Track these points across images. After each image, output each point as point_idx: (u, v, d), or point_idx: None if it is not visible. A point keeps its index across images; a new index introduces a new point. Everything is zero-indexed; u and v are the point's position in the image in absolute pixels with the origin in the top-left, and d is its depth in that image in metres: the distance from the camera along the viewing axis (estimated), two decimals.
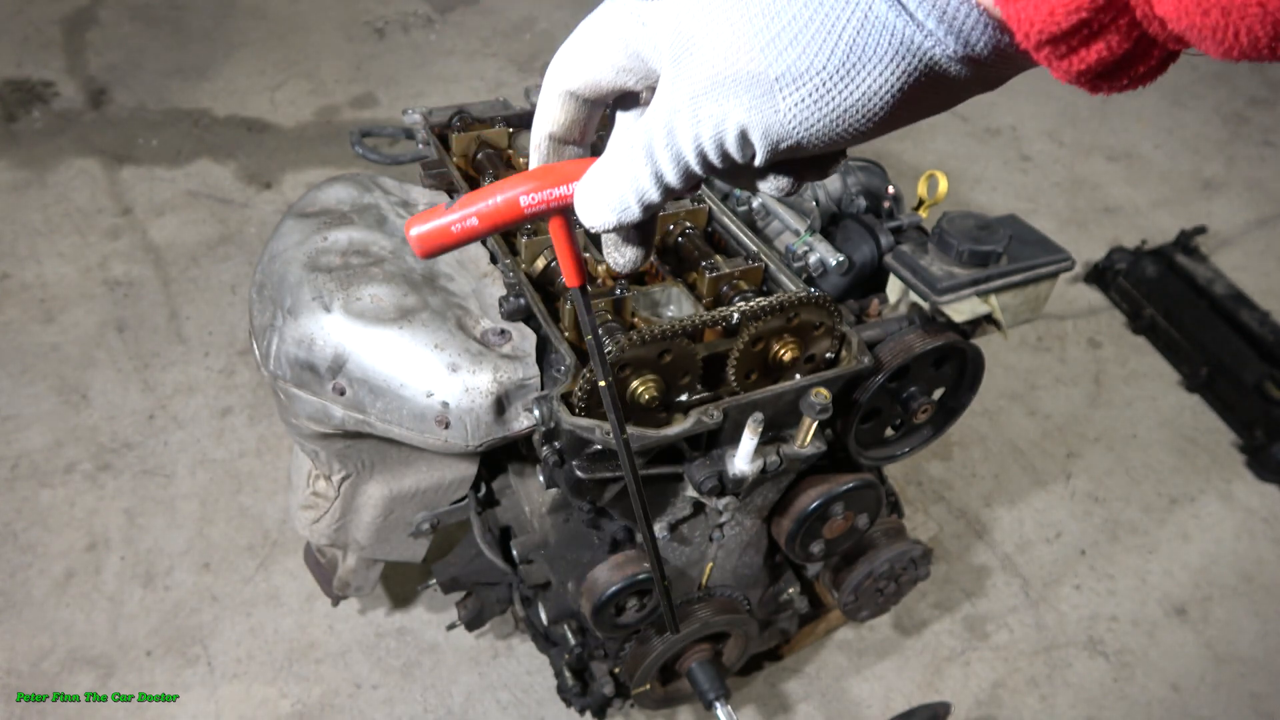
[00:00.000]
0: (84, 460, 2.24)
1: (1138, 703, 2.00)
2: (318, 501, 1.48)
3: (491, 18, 4.14)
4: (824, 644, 2.02)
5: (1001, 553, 2.26)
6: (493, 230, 0.55)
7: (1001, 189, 3.48)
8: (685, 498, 1.32)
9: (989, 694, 1.99)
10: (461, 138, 1.50)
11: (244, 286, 2.74)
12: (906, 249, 1.32)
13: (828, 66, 0.43)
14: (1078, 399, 2.67)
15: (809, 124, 0.45)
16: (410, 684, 1.89)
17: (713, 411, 1.14)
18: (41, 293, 2.67)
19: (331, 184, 1.43)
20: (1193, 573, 2.26)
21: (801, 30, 0.43)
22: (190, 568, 2.05)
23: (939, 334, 1.32)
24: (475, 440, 1.20)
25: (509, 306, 1.26)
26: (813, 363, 1.24)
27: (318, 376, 1.22)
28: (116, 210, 2.97)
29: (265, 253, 1.35)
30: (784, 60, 0.44)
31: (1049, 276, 1.34)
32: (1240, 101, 4.16)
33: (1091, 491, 2.43)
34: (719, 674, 1.53)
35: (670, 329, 1.09)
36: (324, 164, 3.23)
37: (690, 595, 1.50)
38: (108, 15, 3.91)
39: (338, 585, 1.66)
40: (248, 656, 1.91)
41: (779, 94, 0.44)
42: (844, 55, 0.43)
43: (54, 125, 3.30)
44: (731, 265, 1.29)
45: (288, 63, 3.73)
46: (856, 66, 0.43)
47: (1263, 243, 3.36)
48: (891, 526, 1.64)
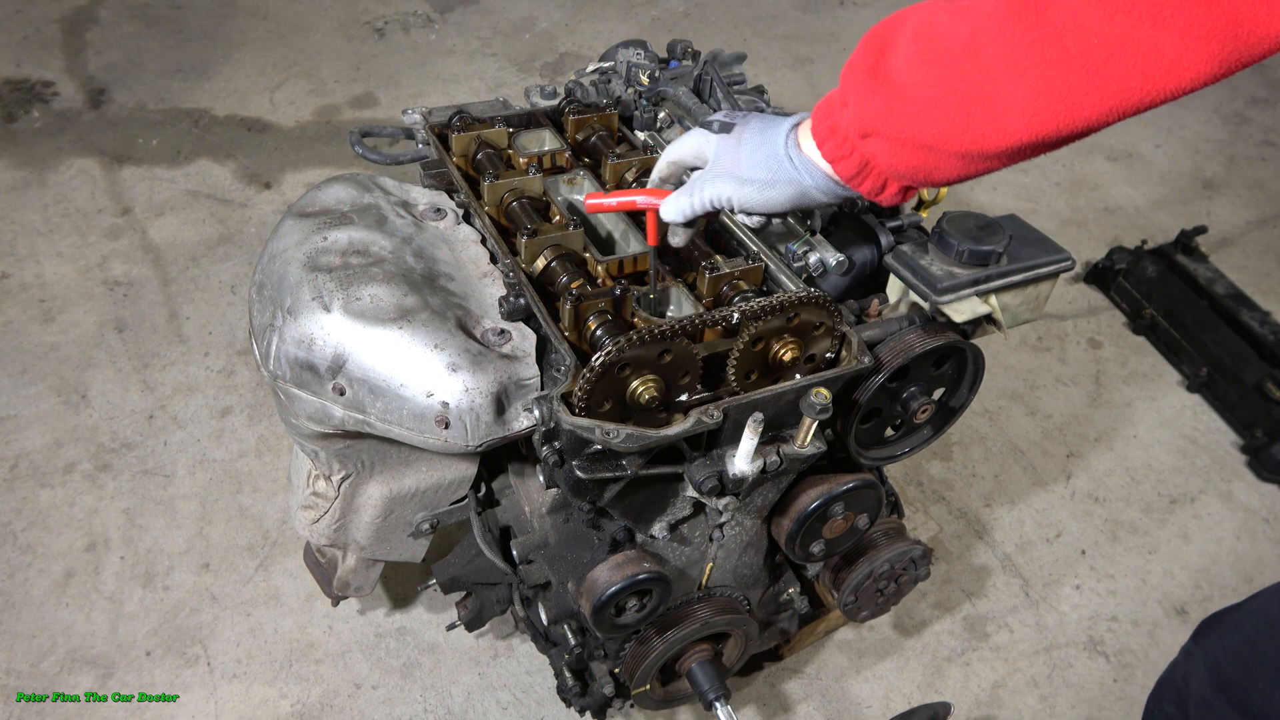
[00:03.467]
0: (84, 460, 2.24)
1: (1138, 703, 1.99)
2: (318, 501, 1.48)
3: (491, 18, 4.14)
4: (824, 644, 2.02)
5: (1001, 553, 2.26)
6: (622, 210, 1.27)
7: (1001, 189, 3.48)
8: (685, 498, 1.32)
9: (989, 694, 1.99)
10: (461, 138, 1.50)
11: (244, 286, 2.74)
12: (906, 249, 1.32)
13: (762, 180, 1.05)
14: (1078, 399, 2.67)
15: (753, 202, 1.08)
16: (410, 684, 1.89)
17: (713, 411, 1.14)
18: (41, 293, 2.67)
19: (331, 184, 1.43)
20: (1193, 573, 2.26)
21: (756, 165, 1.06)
22: (190, 568, 2.05)
23: (939, 334, 1.32)
24: (475, 440, 1.20)
25: (509, 306, 1.26)
26: (813, 363, 1.24)
27: (318, 376, 1.22)
28: (116, 210, 2.97)
29: (265, 253, 1.35)
30: (746, 174, 1.06)
31: (1049, 276, 1.33)
32: (1240, 101, 4.16)
33: (1091, 491, 2.43)
34: (719, 674, 1.52)
35: (670, 329, 1.09)
36: (324, 164, 3.23)
37: (690, 595, 1.50)
38: (107, 15, 3.91)
39: (338, 585, 1.66)
40: (247, 657, 1.91)
41: (743, 186, 1.07)
42: (770, 178, 1.05)
43: (54, 125, 3.30)
44: (731, 265, 1.29)
45: (287, 63, 3.73)
46: (774, 184, 1.05)
47: (1263, 243, 3.36)
48: (891, 526, 1.64)
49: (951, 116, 0.85)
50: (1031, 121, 0.81)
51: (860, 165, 0.97)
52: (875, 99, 0.91)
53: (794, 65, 4.04)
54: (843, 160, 0.98)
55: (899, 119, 0.89)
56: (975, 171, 0.91)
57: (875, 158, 0.95)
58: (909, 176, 0.95)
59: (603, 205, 1.25)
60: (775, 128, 1.05)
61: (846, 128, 0.95)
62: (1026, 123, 0.81)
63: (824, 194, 1.03)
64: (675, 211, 1.14)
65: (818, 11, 4.44)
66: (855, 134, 0.94)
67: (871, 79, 0.91)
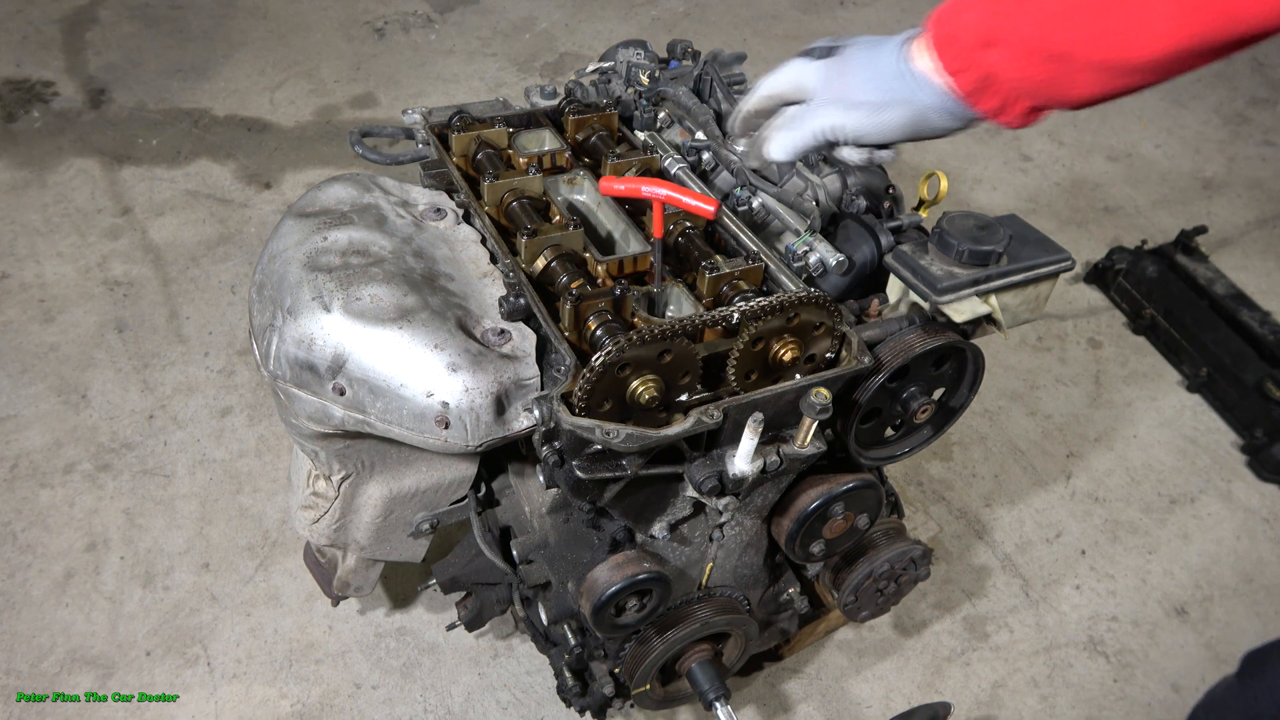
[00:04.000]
0: (84, 460, 2.24)
1: (1138, 703, 2.00)
2: (318, 501, 1.48)
3: (491, 18, 4.14)
4: (824, 644, 2.02)
5: (1001, 553, 2.26)
6: (674, 205, 1.20)
7: (1001, 189, 3.48)
8: (685, 498, 1.32)
9: (989, 694, 1.99)
10: (461, 138, 1.50)
11: (244, 286, 2.74)
12: (906, 249, 1.31)
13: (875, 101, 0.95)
14: (1078, 399, 2.67)
15: (865, 129, 0.97)
16: (410, 684, 1.89)
17: (713, 411, 1.14)
18: (41, 293, 2.67)
19: (331, 184, 1.43)
20: (1193, 573, 2.26)
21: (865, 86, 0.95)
22: (190, 568, 2.05)
23: (939, 334, 1.32)
24: (475, 440, 1.20)
25: (509, 306, 1.26)
26: (813, 363, 1.24)
27: (318, 376, 1.22)
28: (116, 210, 2.97)
29: (265, 253, 1.35)
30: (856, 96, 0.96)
31: (1049, 276, 1.33)
32: (1240, 101, 4.16)
33: (1091, 491, 2.43)
34: (719, 674, 1.52)
35: (670, 329, 1.09)
36: (324, 164, 3.23)
37: (690, 595, 1.50)
38: (108, 15, 3.91)
39: (338, 585, 1.66)
40: (247, 657, 1.91)
41: (853, 111, 0.97)
42: (883, 99, 0.94)
43: (54, 125, 3.30)
44: (731, 265, 1.29)
45: (288, 63, 3.73)
46: (888, 106, 0.94)
47: (1263, 243, 3.36)
48: (891, 526, 1.64)
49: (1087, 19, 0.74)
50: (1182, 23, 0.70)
51: (982, 79, 0.85)
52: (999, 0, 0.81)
53: None
54: (964, 73, 0.86)
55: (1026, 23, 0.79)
56: (1115, 88, 0.79)
57: (999, 70, 0.83)
58: (1038, 93, 0.84)
59: (661, 196, 1.18)
60: (885, 43, 0.94)
61: (967, 35, 0.84)
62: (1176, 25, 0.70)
63: (943, 115, 0.92)
64: (784, 148, 1.04)
65: (818, 11, 4.44)
66: (977, 42, 0.83)
67: None
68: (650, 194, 1.19)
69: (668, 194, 1.17)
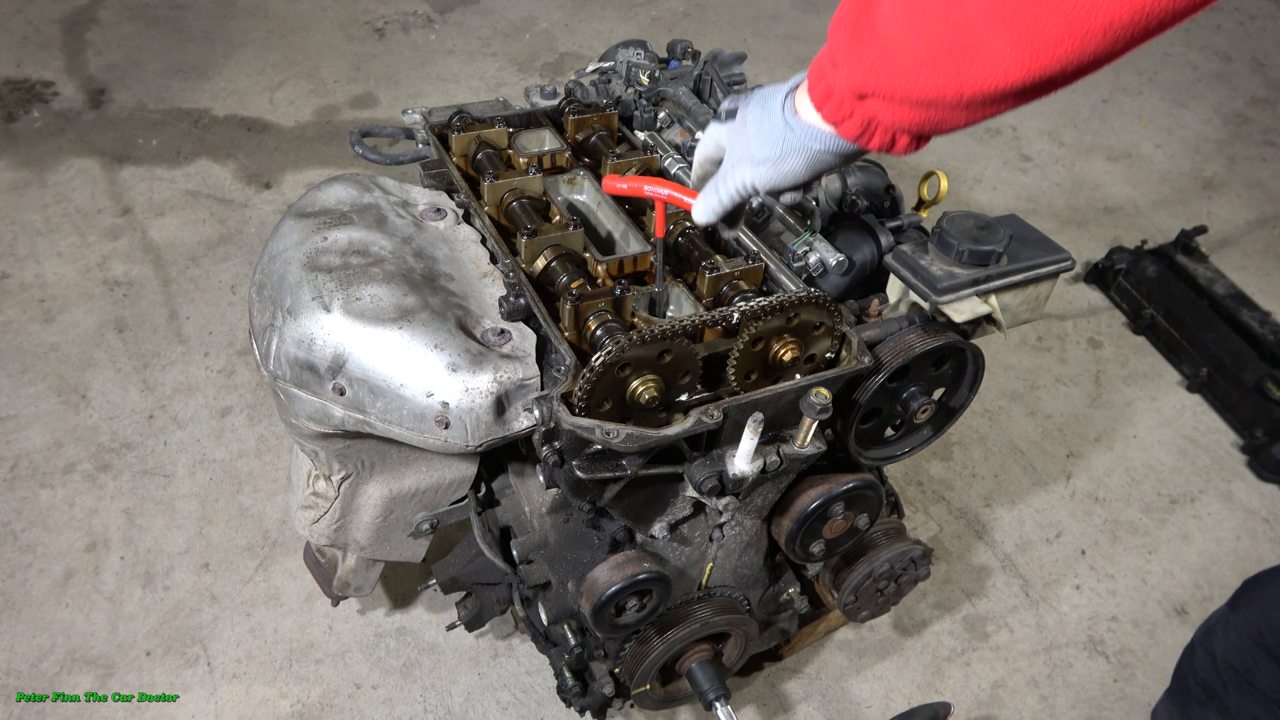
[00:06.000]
0: (84, 460, 2.24)
1: (1138, 703, 2.00)
2: (318, 501, 1.48)
3: (491, 18, 4.14)
4: (824, 644, 2.02)
5: (1001, 553, 2.26)
6: (650, 199, 1.24)
7: (1001, 189, 3.48)
8: (685, 498, 1.32)
9: (989, 694, 1.99)
10: (461, 138, 1.50)
11: (244, 286, 2.74)
12: (906, 249, 1.32)
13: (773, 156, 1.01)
14: (1078, 399, 2.67)
15: (771, 180, 1.03)
16: (410, 684, 1.89)
17: (713, 411, 1.14)
18: (41, 293, 2.67)
19: (331, 184, 1.43)
20: (1193, 573, 2.26)
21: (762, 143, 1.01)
22: (190, 568, 2.05)
23: (939, 334, 1.32)
24: (475, 440, 1.20)
25: (509, 306, 1.26)
26: (813, 363, 1.24)
27: (318, 376, 1.22)
28: (116, 210, 2.97)
29: (265, 253, 1.35)
30: (757, 154, 1.02)
31: (1049, 276, 1.33)
32: (1240, 101, 4.16)
33: (1091, 491, 2.43)
34: (719, 674, 1.52)
35: (670, 329, 1.09)
36: (324, 164, 3.23)
37: (690, 595, 1.50)
38: (107, 15, 3.91)
39: (338, 585, 1.66)
40: (247, 657, 1.91)
41: (758, 167, 1.02)
42: (779, 153, 1.00)
43: (54, 125, 3.30)
44: (731, 265, 1.29)
45: (288, 63, 3.73)
46: (785, 158, 1.00)
47: (1263, 243, 3.36)
48: (891, 526, 1.64)
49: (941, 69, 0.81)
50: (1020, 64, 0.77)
51: (863, 125, 0.93)
52: (864, 58, 0.87)
53: (794, 65, 4.03)
54: (845, 122, 0.94)
55: (891, 77, 0.85)
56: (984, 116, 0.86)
57: (878, 115, 0.91)
58: (916, 129, 0.91)
59: (663, 195, 1.22)
60: (773, 99, 1.02)
61: (841, 90, 0.91)
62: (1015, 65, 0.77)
63: (836, 155, 0.99)
64: (706, 211, 1.12)
65: (818, 11, 4.44)
66: (851, 95, 0.91)
67: (857, 37, 0.87)
68: (652, 193, 1.20)
69: (670, 193, 1.18)
